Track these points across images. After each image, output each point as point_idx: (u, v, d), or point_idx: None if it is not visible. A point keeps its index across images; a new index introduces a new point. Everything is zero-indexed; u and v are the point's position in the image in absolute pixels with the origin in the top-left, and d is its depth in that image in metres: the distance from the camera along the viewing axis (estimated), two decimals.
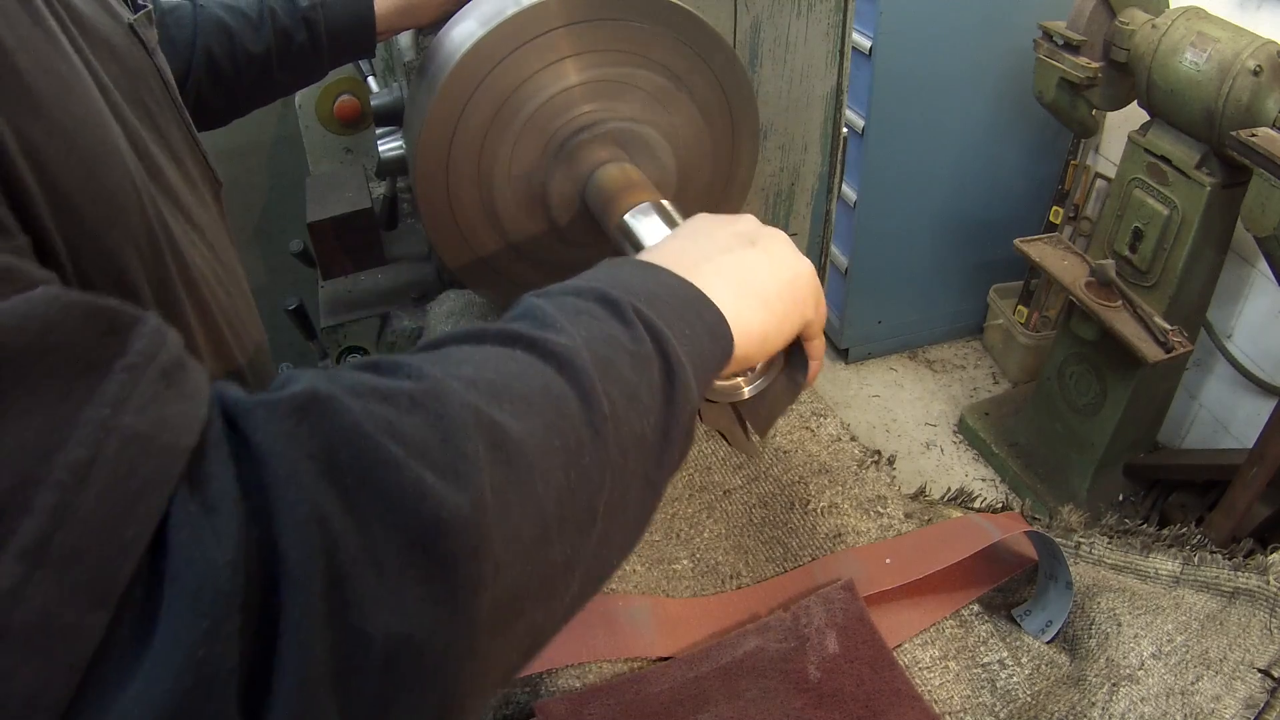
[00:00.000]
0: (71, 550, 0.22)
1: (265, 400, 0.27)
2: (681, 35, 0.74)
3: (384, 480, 0.27)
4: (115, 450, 0.23)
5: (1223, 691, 0.60)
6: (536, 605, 0.32)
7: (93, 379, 0.24)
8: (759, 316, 0.46)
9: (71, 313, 0.24)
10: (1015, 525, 0.70)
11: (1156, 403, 2.04)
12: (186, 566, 0.23)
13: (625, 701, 0.61)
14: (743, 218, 0.52)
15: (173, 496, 0.24)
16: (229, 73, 0.83)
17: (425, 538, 0.27)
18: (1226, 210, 1.70)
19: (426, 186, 0.74)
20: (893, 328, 2.63)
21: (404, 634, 0.26)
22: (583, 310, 0.38)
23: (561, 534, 0.32)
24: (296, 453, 0.26)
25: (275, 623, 0.24)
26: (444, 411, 0.30)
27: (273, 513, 0.25)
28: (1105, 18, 1.78)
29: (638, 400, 0.36)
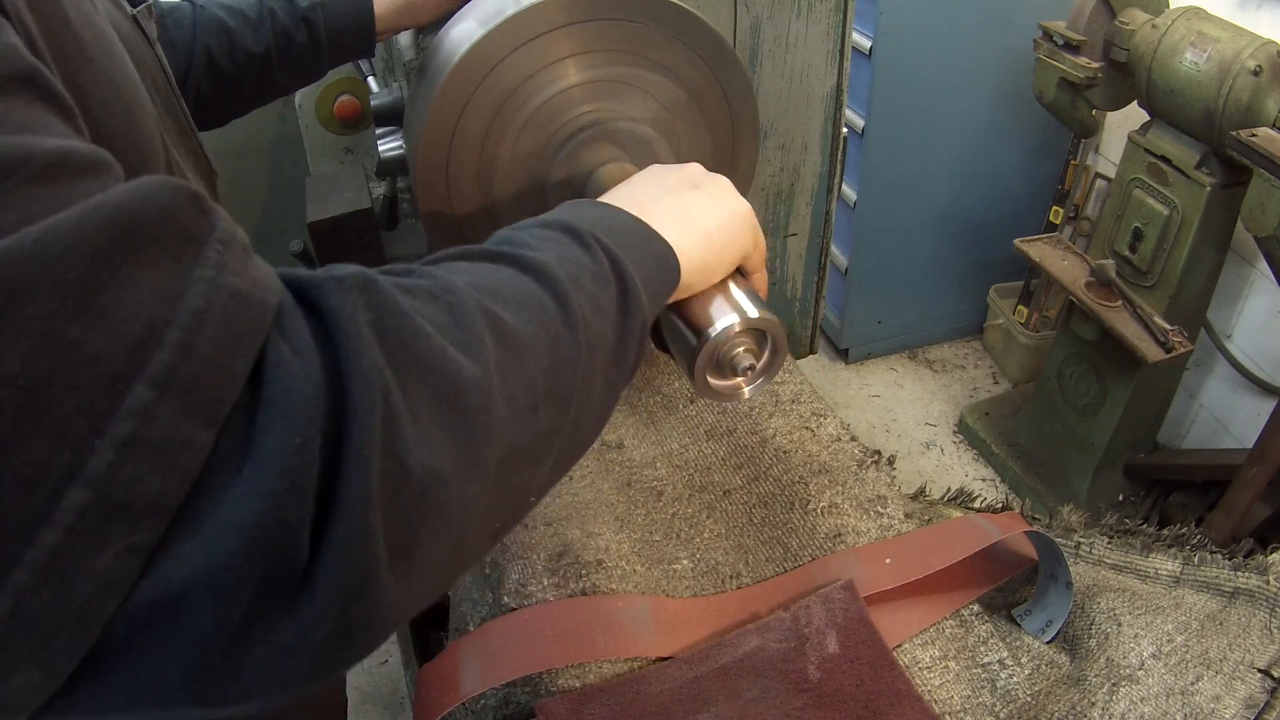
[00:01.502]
0: (191, 379, 0.27)
1: (332, 275, 0.32)
2: (681, 35, 0.74)
3: (419, 346, 0.33)
4: (224, 301, 0.28)
5: (1223, 691, 0.60)
6: (525, 465, 0.38)
7: (196, 247, 0.29)
8: (700, 248, 0.52)
9: (179, 195, 0.29)
10: (1015, 525, 0.70)
11: (1156, 403, 2.04)
12: (283, 393, 0.28)
13: (625, 701, 0.61)
14: (689, 166, 0.58)
15: (266, 341, 0.29)
16: (229, 72, 0.83)
17: (449, 393, 0.33)
18: (1226, 210, 1.70)
19: (426, 186, 0.74)
20: (893, 328, 2.63)
21: (435, 468, 0.32)
22: (550, 237, 0.45)
23: (546, 407, 0.38)
24: (360, 317, 0.31)
25: (341, 451, 0.29)
26: (455, 301, 0.36)
27: (341, 360, 0.30)
28: (1105, 18, 1.78)
29: (600, 309, 0.42)
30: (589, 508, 0.77)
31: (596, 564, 0.70)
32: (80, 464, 0.25)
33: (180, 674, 0.27)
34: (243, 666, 0.28)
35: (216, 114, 0.87)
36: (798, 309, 1.15)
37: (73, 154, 0.28)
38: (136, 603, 0.26)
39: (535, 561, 0.70)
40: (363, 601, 0.30)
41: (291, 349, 0.30)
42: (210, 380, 0.27)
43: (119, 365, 0.26)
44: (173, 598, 0.26)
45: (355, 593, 0.29)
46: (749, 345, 0.56)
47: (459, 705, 0.63)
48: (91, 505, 0.25)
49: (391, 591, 0.31)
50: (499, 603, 0.68)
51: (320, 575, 0.28)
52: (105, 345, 0.25)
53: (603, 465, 0.83)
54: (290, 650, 0.29)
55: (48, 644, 0.25)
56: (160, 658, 0.27)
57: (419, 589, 0.33)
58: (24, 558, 0.24)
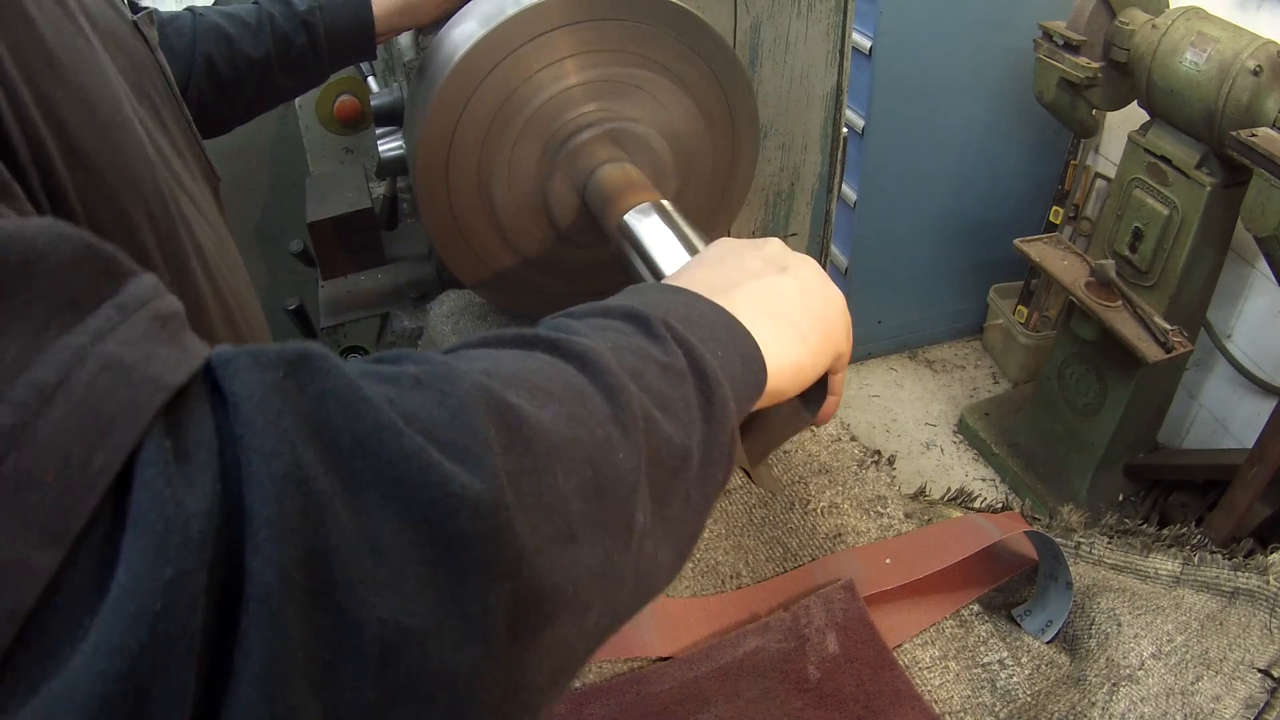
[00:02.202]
0: (26, 475, 0.20)
1: (251, 350, 0.24)
2: (682, 35, 0.74)
3: (383, 446, 0.24)
4: (90, 374, 0.21)
5: (1223, 691, 0.60)
6: (567, 617, 0.28)
7: (77, 312, 0.22)
8: (793, 347, 0.44)
9: (64, 244, 0.22)
10: (1015, 525, 0.70)
11: (1156, 403, 2.04)
12: (153, 507, 0.21)
13: (625, 701, 0.61)
14: (770, 242, 0.50)
15: (146, 435, 0.22)
16: (230, 78, 0.84)
17: (430, 514, 0.24)
18: (1226, 210, 1.70)
19: (426, 186, 0.74)
20: (893, 328, 2.63)
21: (403, 624, 0.23)
22: (609, 325, 0.36)
23: (590, 536, 0.29)
24: (280, 404, 0.23)
25: (240, 600, 0.21)
26: (452, 390, 0.27)
27: (243, 464, 0.22)
28: (1105, 18, 1.78)
29: (672, 411, 0.34)
30: None
31: None
32: None
33: None
34: None
35: (220, 121, 0.87)
36: None
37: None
38: None
39: None
40: None
41: (177, 449, 0.22)
42: (55, 480, 0.20)
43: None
44: None
45: None
46: None
47: None
48: None
49: None
50: None
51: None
52: None
53: None
54: None
55: None
56: None
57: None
58: None
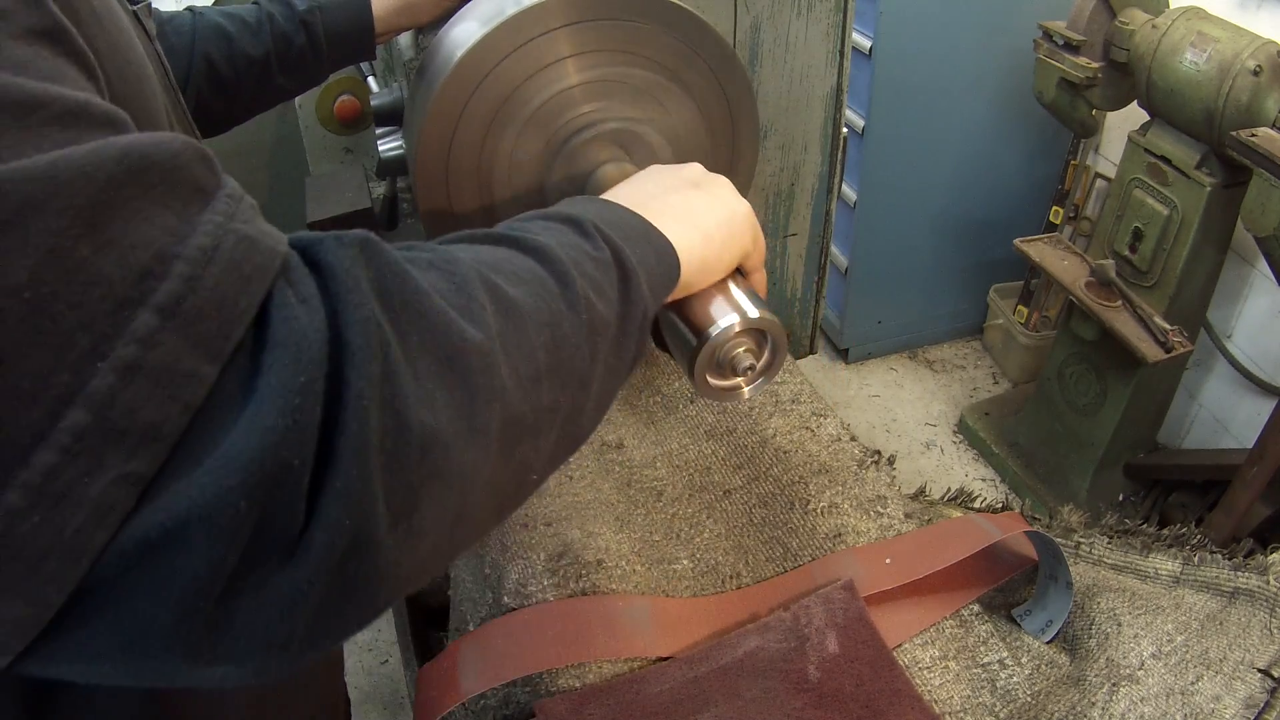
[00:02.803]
0: (197, 311, 0.27)
1: (333, 234, 0.33)
2: (682, 35, 0.74)
3: (420, 305, 0.33)
4: (232, 243, 0.29)
5: (1223, 691, 0.60)
6: (528, 438, 0.38)
7: (205, 196, 0.29)
8: (700, 245, 0.52)
9: (190, 147, 0.30)
10: (1015, 525, 0.70)
11: (1156, 403, 2.04)
12: (287, 334, 0.28)
13: (625, 701, 0.61)
14: (689, 166, 0.58)
15: (272, 286, 0.29)
16: (229, 78, 0.83)
17: (451, 353, 0.33)
18: (1226, 210, 1.70)
19: (426, 186, 0.74)
20: (893, 328, 2.63)
21: (436, 429, 0.31)
22: (552, 227, 0.45)
23: (549, 381, 0.38)
24: (359, 272, 0.31)
25: (340, 400, 0.28)
26: (456, 270, 0.36)
27: (341, 312, 0.30)
28: (1105, 18, 1.78)
29: (602, 292, 0.43)
30: (589, 508, 0.77)
31: (596, 564, 0.70)
32: (80, 385, 0.25)
33: (170, 619, 0.26)
34: (235, 618, 0.27)
35: (218, 120, 0.87)
36: (798, 309, 1.15)
37: (93, 106, 0.29)
38: (129, 535, 0.26)
39: (535, 561, 0.70)
40: (361, 560, 0.29)
41: (297, 295, 0.30)
42: (216, 315, 0.27)
43: (125, 290, 0.26)
44: (167, 533, 0.26)
45: (353, 549, 0.29)
46: (749, 345, 0.56)
47: (459, 705, 0.63)
48: (90, 428, 0.25)
49: (391, 554, 0.30)
50: (499, 603, 0.68)
51: (318, 526, 0.28)
52: (112, 269, 0.26)
53: (603, 465, 0.83)
54: (285, 605, 0.28)
55: (35, 573, 0.25)
56: (150, 599, 0.26)
57: (419, 556, 0.32)
58: (17, 478, 0.24)
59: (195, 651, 0.28)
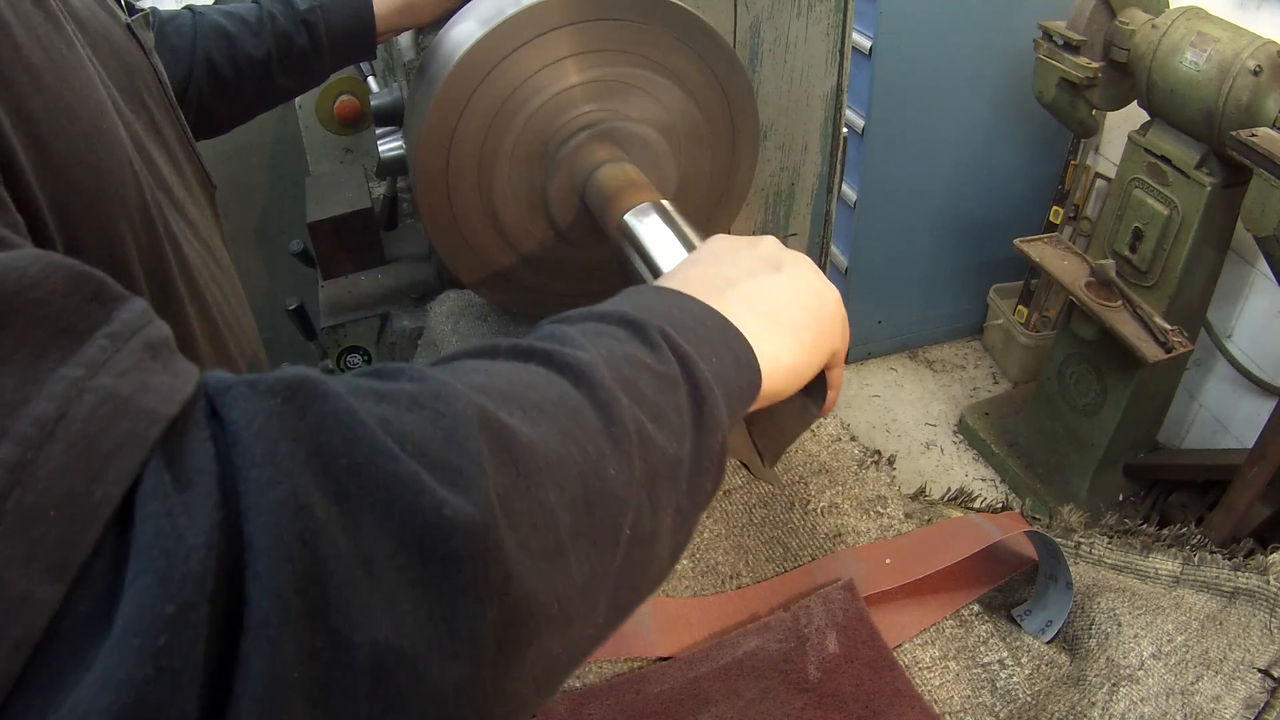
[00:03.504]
0: (29, 510, 0.20)
1: (249, 379, 0.25)
2: (682, 35, 0.74)
3: (378, 470, 0.24)
4: (88, 408, 0.22)
5: (1223, 691, 0.60)
6: (552, 631, 0.28)
7: (72, 341, 0.23)
8: (787, 347, 0.43)
9: (55, 273, 0.23)
10: (1015, 525, 0.70)
11: (1156, 403, 2.04)
12: (155, 542, 0.21)
13: (625, 701, 0.61)
14: (764, 240, 0.49)
15: (145, 467, 0.22)
16: (230, 78, 0.83)
17: (423, 537, 0.24)
18: (1226, 210, 1.70)
19: (426, 186, 0.74)
20: (893, 328, 2.63)
21: (394, 645, 0.23)
22: (604, 332, 0.36)
23: (579, 550, 0.29)
24: (278, 432, 0.24)
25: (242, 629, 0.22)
26: (446, 410, 0.27)
27: (242, 494, 0.22)
28: (1105, 18, 1.78)
29: (664, 421, 0.34)
30: None
31: None
32: None
33: None
34: None
35: (220, 121, 0.87)
36: None
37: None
38: None
39: None
40: None
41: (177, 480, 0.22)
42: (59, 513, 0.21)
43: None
44: None
45: None
46: None
47: None
48: None
49: None
50: None
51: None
52: None
53: None
54: None
55: None
56: None
57: None
58: None
59: None
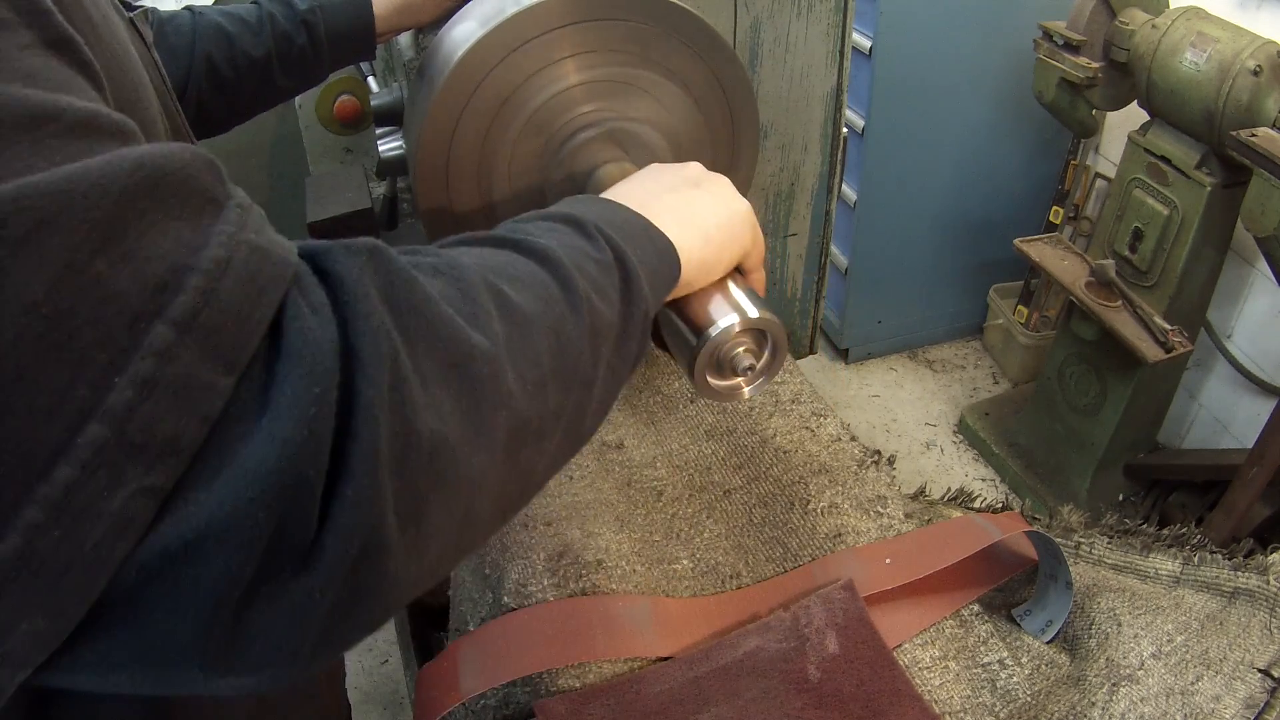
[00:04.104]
0: (213, 324, 0.27)
1: (342, 242, 0.33)
2: (682, 35, 0.74)
3: (427, 312, 0.33)
4: (245, 254, 0.29)
5: (1223, 691, 0.60)
6: (532, 442, 0.38)
7: (216, 206, 0.29)
8: (700, 245, 0.52)
9: (200, 159, 0.30)
10: (1015, 525, 0.70)
11: (1156, 403, 2.04)
12: (301, 345, 0.29)
13: (625, 701, 0.61)
14: (689, 165, 0.58)
15: (285, 296, 0.30)
16: (230, 78, 0.83)
17: (458, 360, 0.33)
18: (1226, 210, 1.70)
19: (426, 186, 0.74)
20: (893, 328, 2.63)
21: (443, 435, 0.32)
22: (555, 229, 0.45)
23: (553, 384, 0.39)
24: (367, 280, 0.32)
25: (351, 409, 0.29)
26: (461, 276, 0.37)
27: (350, 320, 0.30)
28: (1105, 18, 1.78)
29: (604, 294, 0.43)
30: (589, 508, 0.77)
31: (596, 564, 0.70)
32: (99, 399, 0.25)
33: (189, 629, 0.27)
34: (251, 627, 0.28)
35: (219, 121, 0.87)
36: (798, 309, 1.15)
37: (102, 116, 0.29)
38: (149, 548, 0.26)
39: (535, 561, 0.70)
40: (371, 566, 0.29)
41: (309, 305, 0.30)
42: (231, 326, 0.27)
43: (142, 304, 0.26)
44: (186, 545, 0.26)
45: (364, 555, 0.29)
46: (749, 345, 0.56)
47: (459, 705, 0.63)
48: (109, 442, 0.25)
49: (400, 559, 0.30)
50: (499, 603, 0.68)
51: (330, 533, 0.28)
52: (128, 283, 0.26)
53: (603, 465, 0.83)
54: (300, 614, 0.28)
55: (56, 588, 0.25)
56: (170, 610, 0.27)
57: (427, 561, 0.33)
58: (37, 493, 0.24)
59: (213, 661, 0.28)
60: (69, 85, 0.29)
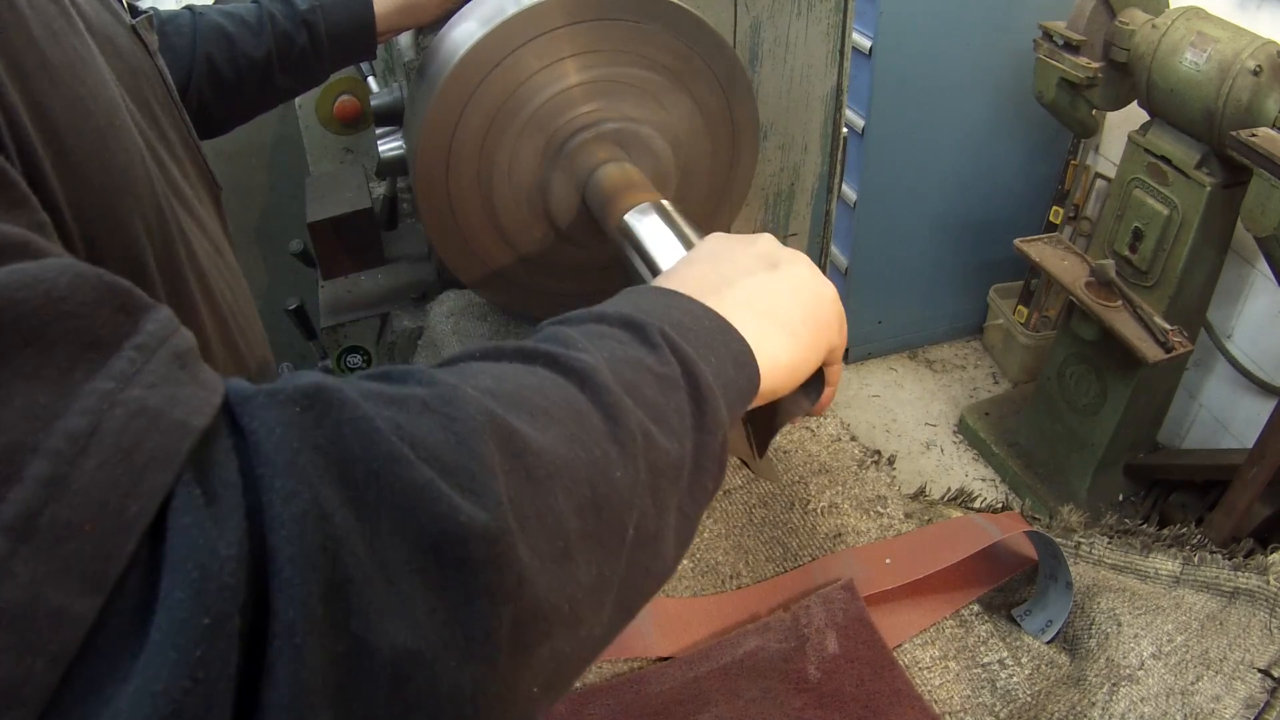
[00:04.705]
0: (65, 525, 0.20)
1: (268, 388, 0.25)
2: (682, 35, 0.74)
3: (395, 477, 0.25)
4: (120, 422, 0.22)
5: (1223, 691, 0.60)
6: (562, 631, 0.29)
7: (101, 353, 0.23)
8: (785, 345, 0.44)
9: (83, 284, 0.23)
10: (1015, 525, 0.70)
11: (1156, 403, 2.04)
12: (189, 555, 0.21)
13: (625, 701, 0.61)
14: (761, 237, 0.49)
15: (177, 480, 0.23)
16: (230, 78, 0.83)
17: (439, 543, 0.25)
18: (1226, 210, 1.70)
19: (426, 186, 0.74)
20: (893, 328, 2.63)
21: (413, 649, 0.24)
22: (606, 334, 0.37)
23: (587, 552, 0.30)
24: (298, 441, 0.24)
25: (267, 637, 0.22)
26: (457, 415, 0.28)
27: (265, 505, 0.23)
28: (1105, 18, 1.78)
29: (666, 423, 0.34)
30: None
31: None
32: None
33: None
34: None
35: (220, 121, 0.87)
36: None
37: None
38: None
39: None
40: None
41: (206, 493, 0.23)
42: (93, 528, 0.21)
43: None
44: None
45: None
46: None
47: None
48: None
49: None
50: None
51: None
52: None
53: None
54: None
55: None
56: None
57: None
58: None
59: None
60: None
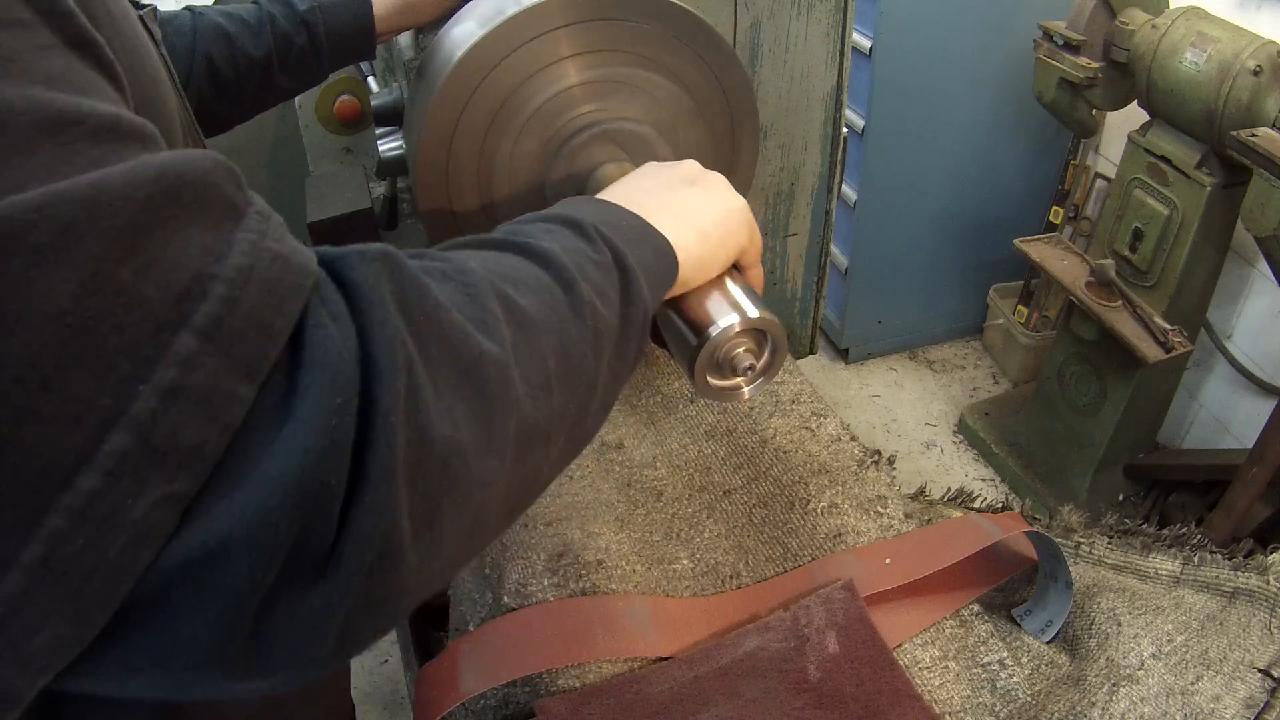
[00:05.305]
0: (236, 332, 0.27)
1: (356, 249, 0.33)
2: (682, 35, 0.74)
3: (439, 319, 0.33)
4: (267, 261, 0.29)
5: (1223, 691, 0.60)
6: (540, 444, 0.39)
7: (238, 214, 0.30)
8: (696, 243, 0.53)
9: (219, 165, 0.30)
10: (1015, 525, 0.70)
11: (1156, 403, 2.04)
12: (323, 354, 0.29)
13: (625, 701, 0.61)
14: (685, 163, 0.59)
15: (306, 305, 0.30)
16: (230, 78, 0.83)
17: (470, 368, 0.34)
18: (1226, 210, 1.70)
19: (426, 186, 0.74)
20: (893, 328, 2.63)
21: (457, 441, 0.32)
22: (555, 230, 0.46)
23: (558, 387, 0.39)
24: (383, 287, 0.32)
25: (368, 418, 0.29)
26: (470, 282, 0.37)
27: (367, 329, 0.30)
28: (1105, 18, 1.78)
29: (605, 296, 0.43)
30: (589, 508, 0.77)
31: (596, 564, 0.70)
32: (123, 408, 0.25)
33: (210, 635, 0.27)
34: (271, 634, 0.28)
35: (219, 121, 0.87)
36: (798, 309, 1.15)
37: (124, 120, 0.29)
38: (171, 556, 0.26)
39: (535, 561, 0.70)
40: (386, 571, 0.30)
41: (329, 314, 0.30)
42: (254, 335, 0.28)
43: (166, 312, 0.26)
44: (209, 552, 0.26)
45: (380, 561, 0.29)
46: (749, 345, 0.56)
47: (459, 705, 0.63)
48: (132, 450, 0.25)
49: (413, 563, 0.31)
50: (499, 603, 0.68)
51: (348, 541, 0.28)
52: (153, 291, 0.26)
53: (603, 465, 0.83)
54: (318, 619, 0.29)
55: (79, 595, 0.25)
56: (191, 616, 0.27)
57: (438, 564, 0.33)
58: (61, 502, 0.24)
59: (231, 666, 0.28)
60: (91, 88, 0.29)
